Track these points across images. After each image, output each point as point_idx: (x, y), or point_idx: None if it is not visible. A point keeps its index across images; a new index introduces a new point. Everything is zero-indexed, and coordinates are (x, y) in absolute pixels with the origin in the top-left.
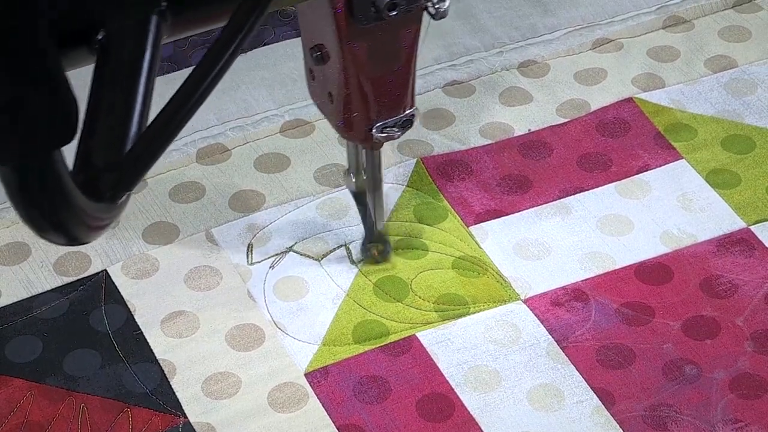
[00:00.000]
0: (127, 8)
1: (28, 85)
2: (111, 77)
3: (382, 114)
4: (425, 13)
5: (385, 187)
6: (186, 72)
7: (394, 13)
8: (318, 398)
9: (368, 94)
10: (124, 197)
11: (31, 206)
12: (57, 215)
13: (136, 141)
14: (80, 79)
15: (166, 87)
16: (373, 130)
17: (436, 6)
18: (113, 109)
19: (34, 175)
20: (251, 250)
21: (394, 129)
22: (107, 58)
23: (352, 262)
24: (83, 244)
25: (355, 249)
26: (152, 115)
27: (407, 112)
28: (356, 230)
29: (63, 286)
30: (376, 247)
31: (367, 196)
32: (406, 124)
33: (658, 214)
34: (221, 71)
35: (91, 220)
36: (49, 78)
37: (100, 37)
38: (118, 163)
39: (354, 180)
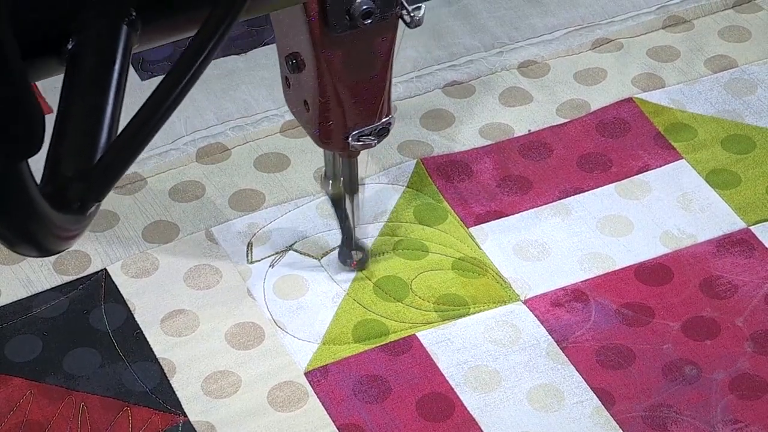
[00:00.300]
0: (96, 17)
1: None
2: (81, 87)
3: (358, 122)
4: (400, 21)
5: (385, 187)
6: None
7: (369, 21)
8: (318, 397)
9: (344, 102)
10: (93, 207)
11: None
12: (26, 229)
13: (106, 151)
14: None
15: None
16: (350, 139)
17: (411, 14)
18: (83, 118)
19: (0, 188)
20: (251, 249)
21: (370, 137)
22: (77, 67)
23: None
24: (55, 254)
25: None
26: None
27: (384, 120)
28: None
29: (63, 285)
30: (355, 254)
31: (345, 203)
32: (383, 132)
33: (658, 214)
34: (192, 80)
35: (60, 231)
36: (14, 88)
37: (69, 46)
38: (88, 173)
39: (331, 186)
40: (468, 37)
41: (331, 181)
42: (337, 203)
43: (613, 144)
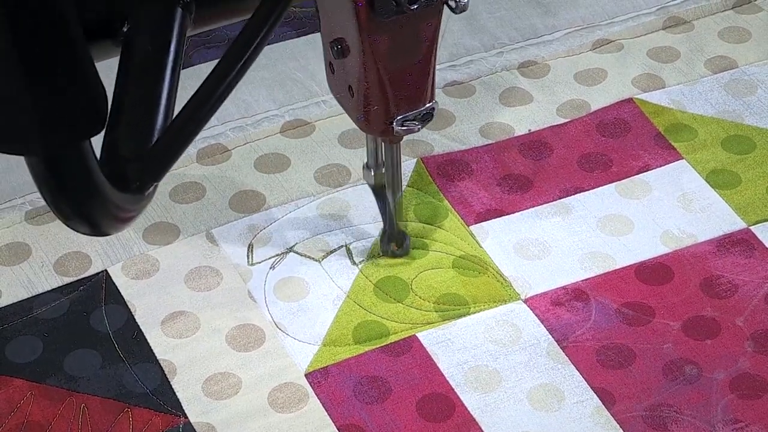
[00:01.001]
0: (151, 1)
1: (57, 76)
2: (136, 70)
3: (402, 107)
4: (445, 7)
5: None
6: (186, 72)
7: (415, 6)
8: (318, 398)
9: (388, 87)
10: (151, 188)
11: (59, 196)
12: (85, 205)
13: (163, 132)
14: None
15: None
16: (394, 124)
17: None
18: (139, 101)
19: (63, 165)
20: (252, 251)
21: (414, 122)
22: (132, 50)
23: (353, 262)
24: (107, 235)
25: (356, 249)
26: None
27: (427, 105)
28: (357, 230)
29: (63, 286)
30: (395, 241)
31: (386, 190)
32: (426, 117)
33: (659, 214)
34: (246, 64)
35: (118, 211)
36: (78, 70)
37: (125, 29)
38: (145, 154)
39: (373, 174)
40: (468, 38)
41: (373, 171)
42: (379, 192)
43: (613, 144)
